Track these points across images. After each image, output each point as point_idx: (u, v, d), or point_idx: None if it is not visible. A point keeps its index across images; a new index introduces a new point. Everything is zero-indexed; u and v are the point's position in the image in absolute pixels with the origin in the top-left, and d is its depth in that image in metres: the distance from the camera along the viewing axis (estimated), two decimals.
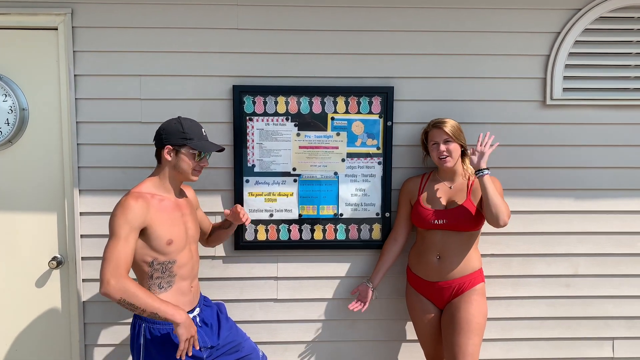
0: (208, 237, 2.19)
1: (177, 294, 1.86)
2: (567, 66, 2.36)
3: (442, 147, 2.12)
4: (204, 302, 2.03)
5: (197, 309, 1.95)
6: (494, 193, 2.01)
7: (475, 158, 2.07)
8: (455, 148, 2.12)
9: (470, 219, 2.10)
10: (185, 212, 1.93)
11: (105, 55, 2.27)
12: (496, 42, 2.34)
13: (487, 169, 2.05)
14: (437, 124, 2.14)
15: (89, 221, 2.33)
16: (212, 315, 2.01)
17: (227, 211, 2.06)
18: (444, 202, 2.16)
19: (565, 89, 2.37)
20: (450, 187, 2.18)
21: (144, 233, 1.76)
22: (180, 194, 1.97)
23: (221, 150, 1.94)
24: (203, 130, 1.91)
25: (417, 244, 2.28)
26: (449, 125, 2.12)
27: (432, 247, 2.16)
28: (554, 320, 2.51)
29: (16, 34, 2.27)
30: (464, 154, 2.19)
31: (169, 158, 1.83)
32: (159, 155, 1.87)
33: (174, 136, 1.84)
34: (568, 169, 2.43)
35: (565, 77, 2.36)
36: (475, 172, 2.06)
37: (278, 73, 2.31)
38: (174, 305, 1.74)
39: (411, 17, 2.32)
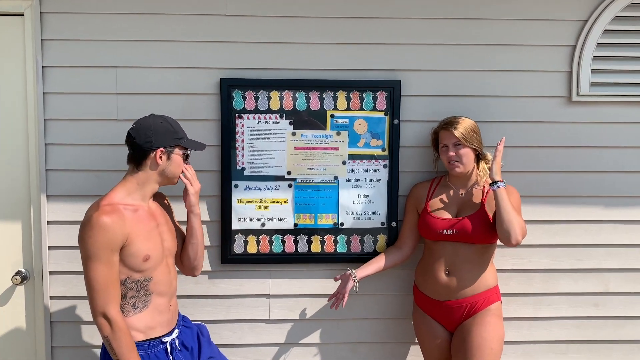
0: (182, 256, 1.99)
1: (154, 313, 1.78)
2: (595, 58, 2.27)
3: (451, 152, 2.04)
4: (183, 322, 1.95)
5: (176, 331, 1.86)
6: (507, 208, 1.95)
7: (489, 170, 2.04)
8: (466, 153, 2.03)
9: (483, 229, 2.02)
10: (160, 222, 1.84)
11: (77, 45, 2.19)
12: (516, 31, 2.27)
13: (503, 181, 1.98)
14: (446, 125, 2.06)
15: (58, 231, 2.24)
16: (192, 337, 1.93)
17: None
18: (454, 210, 2.09)
19: (593, 84, 2.29)
20: (462, 194, 2.11)
21: (120, 250, 1.71)
22: (152, 201, 1.87)
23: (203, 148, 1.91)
24: None
25: (424, 258, 2.20)
26: (461, 128, 2.02)
27: (440, 261, 2.08)
28: (581, 344, 2.43)
29: None
30: (479, 157, 2.10)
31: (160, 162, 1.75)
32: (140, 160, 1.76)
33: (166, 137, 1.75)
34: (596, 173, 2.35)
35: (593, 71, 2.28)
36: (491, 183, 2.00)
37: (271, 65, 2.24)
38: None
39: (421, 3, 2.25)
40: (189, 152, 1.83)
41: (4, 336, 2.28)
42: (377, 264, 2.18)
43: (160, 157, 1.74)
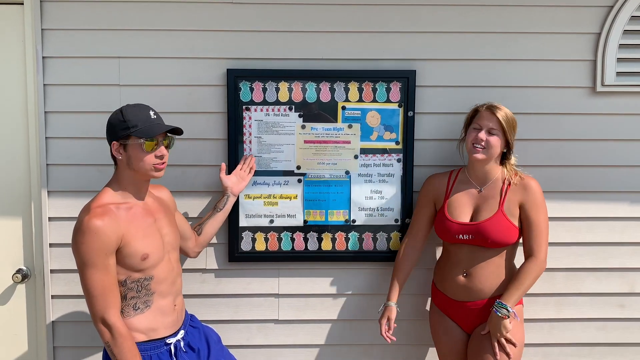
0: (197, 240, 2.09)
1: (157, 314, 1.75)
2: (621, 46, 2.20)
3: (483, 134, 1.95)
4: (190, 322, 1.93)
5: (182, 332, 1.83)
6: (526, 286, 1.97)
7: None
8: (496, 143, 1.95)
9: (499, 235, 1.95)
10: (158, 217, 1.81)
11: (78, 34, 2.16)
12: (537, 17, 2.21)
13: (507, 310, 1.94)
14: (491, 107, 1.99)
15: (59, 228, 2.21)
16: (199, 338, 1.90)
17: (224, 165, 2.10)
18: (469, 211, 2.02)
19: (619, 74, 2.22)
20: (480, 191, 2.03)
21: (116, 251, 1.69)
22: (149, 195, 1.84)
23: (177, 131, 1.77)
24: (152, 112, 1.75)
25: (442, 257, 2.16)
26: (503, 113, 1.96)
27: (458, 263, 2.04)
28: (605, 347, 2.38)
29: None
30: (505, 155, 2.03)
31: (119, 156, 1.72)
32: (112, 157, 1.77)
33: (117, 129, 1.70)
34: (622, 167, 2.29)
35: (619, 59, 2.22)
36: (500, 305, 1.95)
37: (280, 55, 2.20)
38: None
39: None
40: (142, 140, 1.68)
41: (4, 336, 2.25)
42: (402, 276, 2.11)
43: (118, 151, 1.71)
